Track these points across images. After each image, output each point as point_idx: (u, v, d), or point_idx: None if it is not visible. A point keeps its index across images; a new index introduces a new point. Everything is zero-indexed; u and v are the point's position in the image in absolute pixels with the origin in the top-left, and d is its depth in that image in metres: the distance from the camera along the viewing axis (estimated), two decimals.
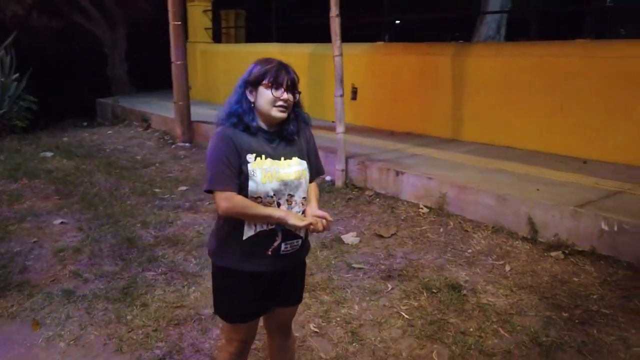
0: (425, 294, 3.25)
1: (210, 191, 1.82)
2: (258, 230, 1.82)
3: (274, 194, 1.81)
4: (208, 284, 3.39)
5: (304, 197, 1.89)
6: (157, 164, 6.86)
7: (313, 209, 1.90)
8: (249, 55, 10.29)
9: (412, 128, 7.21)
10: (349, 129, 7.36)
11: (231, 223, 1.85)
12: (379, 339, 2.80)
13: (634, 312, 2.97)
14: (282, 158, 1.84)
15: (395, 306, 3.13)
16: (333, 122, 8.26)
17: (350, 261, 3.75)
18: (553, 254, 3.70)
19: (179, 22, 7.86)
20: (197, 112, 8.31)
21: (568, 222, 3.75)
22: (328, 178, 5.65)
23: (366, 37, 8.74)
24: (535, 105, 5.85)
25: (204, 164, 6.78)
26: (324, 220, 1.85)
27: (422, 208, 4.60)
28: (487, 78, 6.27)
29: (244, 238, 1.83)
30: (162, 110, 9.59)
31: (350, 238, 4.12)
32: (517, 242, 3.92)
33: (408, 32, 13.28)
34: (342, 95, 5.27)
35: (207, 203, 5.13)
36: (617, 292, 3.20)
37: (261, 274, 1.88)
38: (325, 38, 9.19)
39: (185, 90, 8.04)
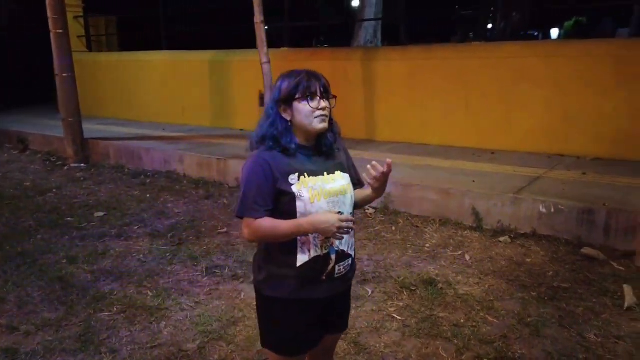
0: (405, 292, 3.30)
1: (238, 217, 1.70)
2: (312, 255, 1.70)
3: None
4: (178, 315, 3.10)
5: (351, 214, 1.79)
6: (54, 190, 6.04)
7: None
8: (137, 64, 9.73)
9: None
10: None
11: (282, 250, 1.70)
12: (382, 344, 2.77)
13: (587, 283, 3.34)
14: (325, 173, 1.72)
15: (383, 309, 3.13)
16: (241, 130, 8.13)
17: None
18: (501, 239, 4.01)
19: (62, 30, 7.02)
20: (85, 128, 7.47)
21: (509, 208, 4.10)
22: None
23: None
24: (443, 104, 6.30)
25: (111, 184, 6.23)
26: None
27: (368, 209, 4.68)
28: (396, 80, 6.61)
29: (298, 265, 1.70)
30: (42, 128, 8.51)
31: None
32: (466, 232, 4.18)
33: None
34: None
35: (137, 227, 4.66)
36: (566, 267, 3.57)
37: (317, 301, 1.76)
38: (220, 45, 8.98)
39: (76, 105, 7.20)
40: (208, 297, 3.36)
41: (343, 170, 1.79)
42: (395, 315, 3.04)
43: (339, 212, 1.71)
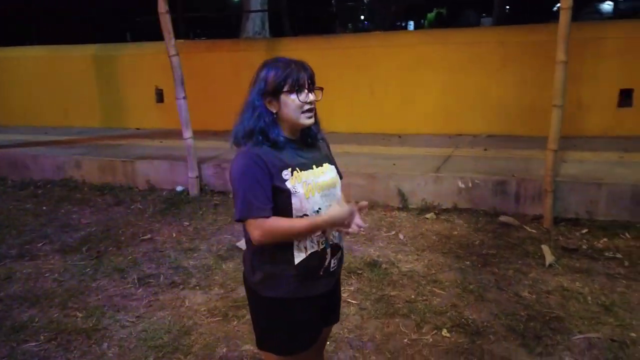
0: (353, 277, 3.36)
1: (240, 220, 1.58)
2: (309, 252, 1.64)
3: (319, 208, 1.64)
4: (119, 334, 2.83)
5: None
6: None
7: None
8: (6, 62, 8.53)
9: (231, 126, 7.10)
10: (158, 134, 6.85)
11: (278, 249, 1.63)
12: (345, 330, 2.79)
13: (510, 248, 3.67)
14: (314, 166, 1.67)
15: None
16: (138, 129, 7.59)
17: None
18: (427, 216, 4.25)
19: None
20: None
21: (431, 186, 4.35)
22: (179, 188, 5.18)
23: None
24: (350, 92, 6.47)
25: None
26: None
27: None
28: None
29: (296, 263, 1.63)
30: None
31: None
32: (394, 213, 4.36)
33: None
34: (184, 98, 4.85)
35: (41, 244, 4.13)
36: (489, 235, 3.89)
37: (316, 297, 1.71)
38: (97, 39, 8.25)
39: None
40: (149, 310, 3.10)
41: (330, 162, 1.75)
42: (350, 300, 3.08)
43: (329, 206, 1.67)
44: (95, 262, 3.77)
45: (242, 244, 3.90)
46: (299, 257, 1.63)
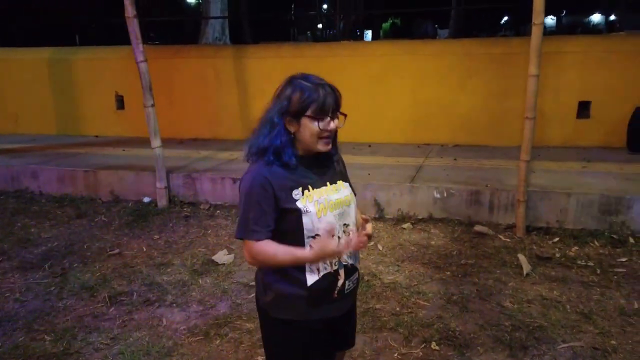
0: None
1: (238, 238, 1.57)
2: (322, 273, 1.59)
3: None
4: (93, 358, 2.66)
5: (354, 224, 1.68)
6: None
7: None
8: None
9: (198, 134, 6.95)
10: (119, 142, 6.59)
11: (290, 269, 1.57)
12: None
13: (487, 257, 3.73)
14: (328, 183, 1.62)
15: None
16: (96, 136, 7.26)
17: (242, 280, 3.47)
18: (404, 226, 4.26)
19: None
20: None
21: (407, 196, 4.37)
22: (146, 199, 4.97)
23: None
24: None
25: None
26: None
27: None
28: (270, 78, 6.51)
29: (309, 284, 1.57)
30: None
31: (223, 257, 3.78)
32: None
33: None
34: (153, 106, 4.66)
35: None
36: (466, 245, 3.94)
37: (330, 320, 1.66)
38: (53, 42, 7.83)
39: None
40: (124, 330, 2.93)
41: (344, 179, 1.70)
42: None
43: (344, 225, 1.61)
44: (60, 280, 3.54)
45: (218, 258, 3.78)
46: (311, 278, 1.57)
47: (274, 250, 1.52)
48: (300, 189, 1.54)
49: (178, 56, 6.95)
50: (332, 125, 1.55)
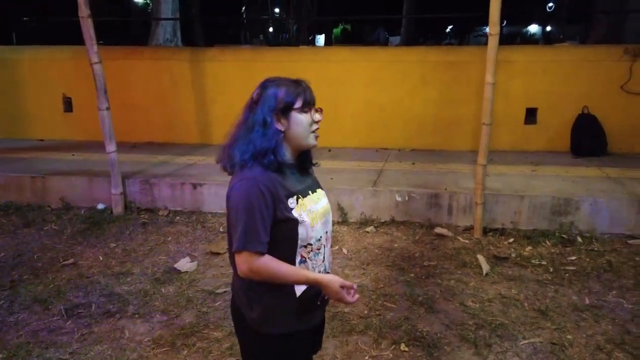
0: None
1: (237, 251, 1.48)
2: None
3: (320, 237, 1.58)
4: None
5: (331, 230, 1.70)
6: None
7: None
8: None
9: (153, 137, 6.76)
10: (68, 146, 6.30)
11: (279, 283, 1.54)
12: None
13: (448, 258, 3.84)
14: (310, 192, 1.60)
15: None
16: (42, 140, 6.90)
17: (206, 288, 3.40)
18: (368, 229, 4.32)
19: None
20: None
21: (370, 200, 4.44)
22: (100, 206, 4.77)
23: None
24: None
25: None
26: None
27: None
28: (228, 81, 6.45)
29: (298, 295, 1.55)
30: None
31: (185, 265, 3.69)
32: (335, 227, 4.36)
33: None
34: (108, 109, 4.49)
35: None
36: (427, 247, 4.04)
37: (313, 328, 1.66)
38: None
39: None
40: (83, 344, 2.80)
41: (321, 187, 1.70)
42: None
43: (325, 233, 1.62)
44: (9, 293, 3.33)
45: (180, 266, 3.68)
46: (299, 288, 1.55)
47: (280, 267, 1.48)
48: (295, 197, 1.52)
49: (130, 57, 6.72)
50: (319, 116, 1.57)
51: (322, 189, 1.70)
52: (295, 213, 1.49)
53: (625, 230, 4.14)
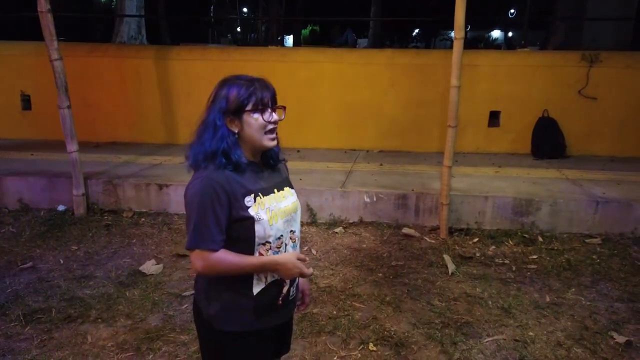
0: None
1: (189, 249, 1.49)
2: (269, 281, 1.57)
3: (281, 235, 1.57)
4: None
5: (299, 231, 1.70)
6: None
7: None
8: None
9: (116, 137, 6.59)
10: (26, 145, 6.08)
11: (238, 278, 1.54)
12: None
13: (415, 258, 3.89)
14: (276, 190, 1.60)
15: None
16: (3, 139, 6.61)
17: (173, 291, 3.33)
18: (336, 230, 4.34)
19: None
20: None
21: (339, 201, 4.45)
22: (61, 207, 4.62)
23: None
24: None
25: None
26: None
27: None
28: (195, 80, 6.36)
29: (255, 293, 1.55)
30: None
31: (151, 267, 3.61)
32: (304, 228, 4.36)
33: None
34: (69, 107, 4.35)
35: None
36: (394, 247, 4.09)
37: (273, 328, 1.65)
38: None
39: None
40: (43, 351, 2.70)
41: (291, 186, 1.69)
42: None
43: (290, 232, 1.61)
44: None
45: (145, 268, 3.60)
46: (258, 286, 1.55)
47: (235, 259, 1.48)
48: (252, 195, 1.51)
49: (93, 55, 6.53)
50: (275, 116, 1.55)
51: (291, 187, 1.69)
52: (252, 211, 1.49)
53: (583, 230, 4.30)
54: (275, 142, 1.57)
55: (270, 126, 1.54)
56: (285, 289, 1.61)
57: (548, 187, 4.65)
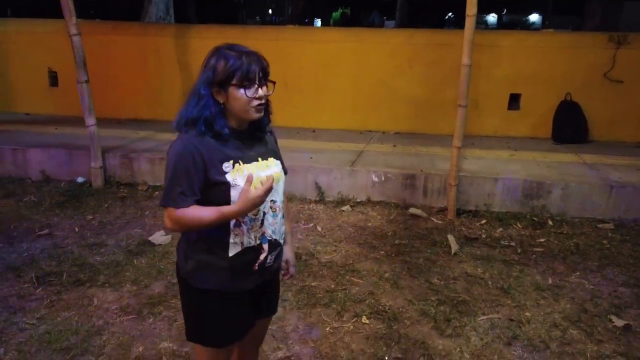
0: None
1: (162, 205, 1.57)
2: (245, 246, 1.62)
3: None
4: (18, 337, 2.64)
5: (282, 202, 1.73)
6: None
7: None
8: None
9: (138, 114, 6.75)
10: (52, 120, 6.30)
11: (214, 240, 1.59)
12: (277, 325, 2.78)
13: (419, 238, 3.90)
14: (259, 159, 1.63)
15: None
16: (27, 114, 6.88)
17: None
18: (343, 208, 4.37)
19: None
20: None
21: (347, 180, 4.48)
22: (80, 179, 4.80)
23: None
24: None
25: None
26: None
27: None
28: None
29: (230, 255, 1.60)
30: None
31: (159, 238, 3.73)
32: (312, 206, 4.42)
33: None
34: (87, 81, 4.49)
35: None
36: (400, 226, 4.10)
37: (248, 291, 1.70)
38: None
39: None
40: (51, 310, 2.85)
41: (276, 157, 1.71)
42: None
43: (271, 201, 1.64)
44: None
45: (154, 239, 3.73)
46: (234, 249, 1.60)
47: (196, 213, 1.52)
48: (231, 162, 1.55)
49: (118, 33, 6.67)
50: (261, 92, 1.55)
51: (277, 159, 1.72)
52: (229, 177, 1.53)
53: (595, 215, 4.21)
54: (260, 114, 1.59)
55: (256, 102, 1.55)
56: (262, 256, 1.65)
57: (562, 171, 4.55)
